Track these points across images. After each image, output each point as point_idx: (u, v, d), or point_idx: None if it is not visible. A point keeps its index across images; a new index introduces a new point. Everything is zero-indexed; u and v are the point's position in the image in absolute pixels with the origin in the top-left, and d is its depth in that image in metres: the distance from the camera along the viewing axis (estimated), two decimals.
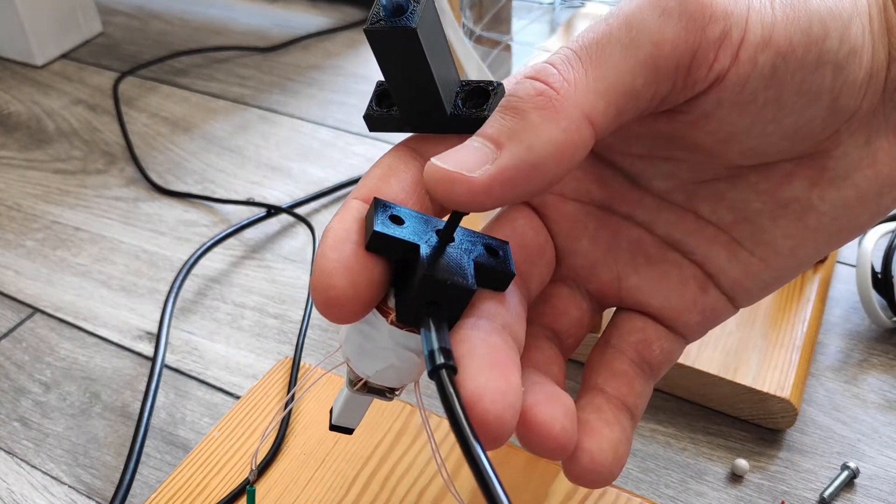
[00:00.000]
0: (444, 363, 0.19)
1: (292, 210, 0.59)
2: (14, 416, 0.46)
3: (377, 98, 0.24)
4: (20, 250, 0.57)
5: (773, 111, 0.22)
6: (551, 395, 0.21)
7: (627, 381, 0.25)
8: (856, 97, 0.22)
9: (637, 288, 0.26)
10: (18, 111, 0.73)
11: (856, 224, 0.25)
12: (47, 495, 0.41)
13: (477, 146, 0.20)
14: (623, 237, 0.26)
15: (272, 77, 0.77)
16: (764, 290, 0.26)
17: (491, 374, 0.19)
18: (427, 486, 0.37)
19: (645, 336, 0.26)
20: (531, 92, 0.20)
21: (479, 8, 0.51)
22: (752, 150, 0.23)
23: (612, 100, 0.21)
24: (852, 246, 0.54)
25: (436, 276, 0.20)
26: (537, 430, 0.20)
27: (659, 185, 0.26)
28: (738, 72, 0.21)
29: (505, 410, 0.19)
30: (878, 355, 0.47)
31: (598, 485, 0.22)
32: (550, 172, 0.20)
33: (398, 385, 0.24)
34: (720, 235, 0.25)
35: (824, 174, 0.24)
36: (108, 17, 0.88)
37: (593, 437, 0.22)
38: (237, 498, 0.37)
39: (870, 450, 0.42)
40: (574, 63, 0.21)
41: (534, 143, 0.20)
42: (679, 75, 0.21)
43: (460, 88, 0.24)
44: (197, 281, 0.54)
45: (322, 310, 0.20)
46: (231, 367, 0.48)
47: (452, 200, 0.20)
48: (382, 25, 0.21)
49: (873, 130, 0.23)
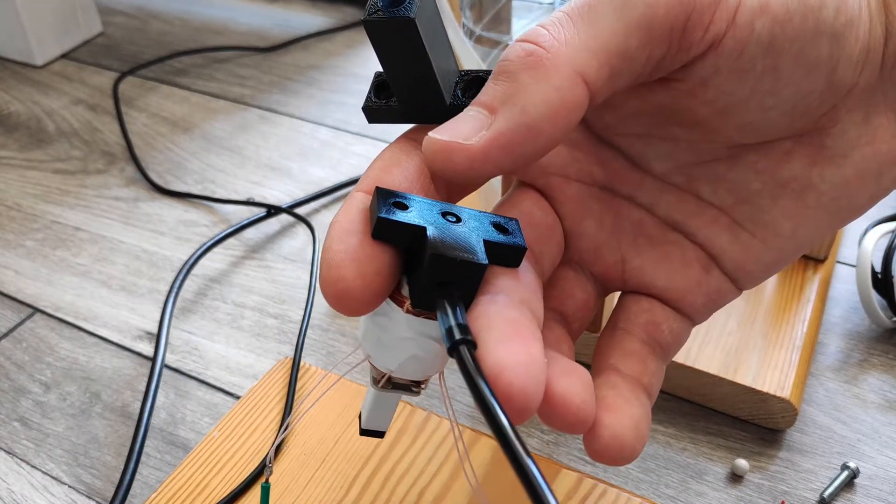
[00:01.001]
0: (463, 338, 0.19)
1: (292, 210, 0.59)
2: (14, 416, 0.46)
3: (376, 89, 0.24)
4: (20, 250, 0.57)
5: (770, 81, 0.22)
6: (568, 368, 0.21)
7: (640, 360, 0.24)
8: (853, 71, 0.22)
9: (640, 269, 0.26)
10: (18, 111, 0.73)
11: (855, 204, 0.24)
12: (47, 495, 0.41)
13: (472, 114, 0.20)
14: (625, 218, 0.26)
15: (272, 77, 0.77)
16: (765, 272, 0.26)
17: (511, 346, 0.19)
18: (427, 486, 0.37)
19: (653, 317, 0.26)
20: (521, 53, 0.20)
21: (479, 8, 0.51)
22: (751, 125, 0.23)
23: (605, 60, 0.20)
24: (852, 246, 0.54)
25: (445, 255, 0.20)
26: (556, 403, 0.20)
27: (659, 167, 0.26)
28: (735, 36, 0.21)
29: (529, 382, 0.18)
30: (878, 355, 0.47)
31: (622, 461, 0.22)
32: (547, 133, 0.20)
33: (422, 377, 0.24)
34: (721, 217, 0.25)
35: (823, 152, 0.24)
36: (108, 17, 0.88)
37: (613, 413, 0.22)
38: (237, 498, 0.37)
39: (870, 450, 0.42)
40: (566, 23, 0.21)
41: (527, 104, 0.20)
42: (674, 38, 0.21)
43: (459, 78, 0.24)
44: (197, 281, 0.54)
45: (333, 303, 0.20)
46: (231, 367, 0.48)
47: (452, 170, 0.20)
48: (380, 16, 0.21)
49: (872, 107, 0.23)
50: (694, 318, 0.26)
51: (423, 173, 0.22)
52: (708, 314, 0.26)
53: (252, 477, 0.37)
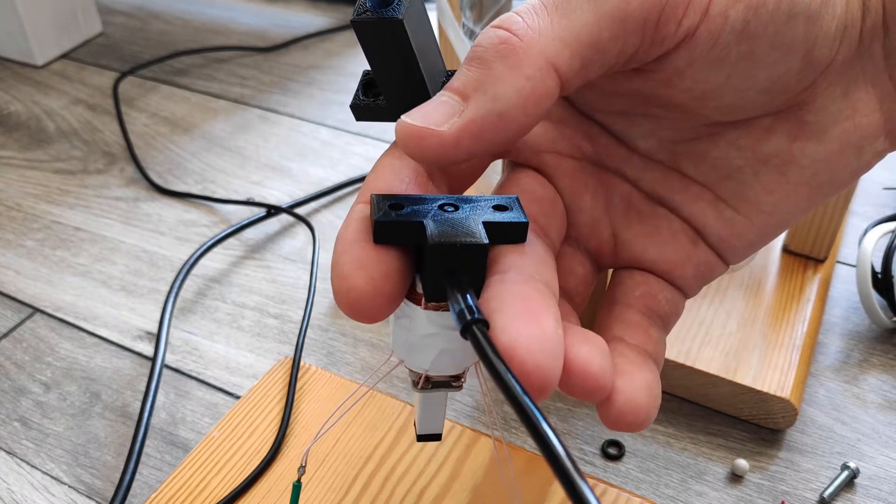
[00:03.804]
0: (473, 319, 0.19)
1: (292, 210, 0.59)
2: (14, 416, 0.46)
3: (363, 87, 0.24)
4: (20, 250, 0.57)
5: (746, 66, 0.22)
6: (584, 336, 0.21)
7: (643, 330, 0.25)
8: (830, 48, 0.22)
9: (631, 243, 0.26)
10: (18, 111, 0.73)
11: (837, 179, 0.25)
12: (47, 495, 0.41)
13: (444, 100, 0.21)
14: (616, 193, 0.26)
15: (272, 77, 0.77)
16: (750, 248, 0.26)
17: (522, 323, 0.19)
18: (427, 485, 0.37)
19: (649, 289, 0.26)
20: (494, 41, 0.20)
21: (479, 8, 0.51)
22: (729, 106, 0.23)
23: (577, 50, 0.20)
24: (852, 246, 0.54)
25: (444, 242, 0.20)
26: (575, 370, 0.20)
27: (642, 144, 0.26)
28: (709, 27, 0.21)
29: (544, 358, 0.18)
30: (878, 355, 0.47)
31: (637, 426, 0.22)
32: (517, 122, 0.20)
33: (457, 371, 0.24)
34: (704, 193, 0.25)
35: (804, 128, 0.24)
36: (108, 17, 0.88)
37: (625, 378, 0.22)
38: (237, 498, 0.37)
39: (870, 450, 0.42)
40: (540, 11, 0.21)
41: (498, 93, 0.20)
42: (647, 31, 0.21)
43: (446, 78, 0.24)
44: (197, 281, 0.54)
45: (349, 312, 0.20)
46: (231, 367, 0.48)
47: (424, 155, 0.20)
48: (369, 17, 0.21)
49: (851, 82, 0.23)
50: (686, 290, 0.26)
51: (419, 174, 0.22)
52: (699, 287, 0.27)
53: (252, 477, 0.37)
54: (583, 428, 0.44)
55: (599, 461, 0.42)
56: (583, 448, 0.43)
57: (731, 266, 0.27)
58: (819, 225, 0.48)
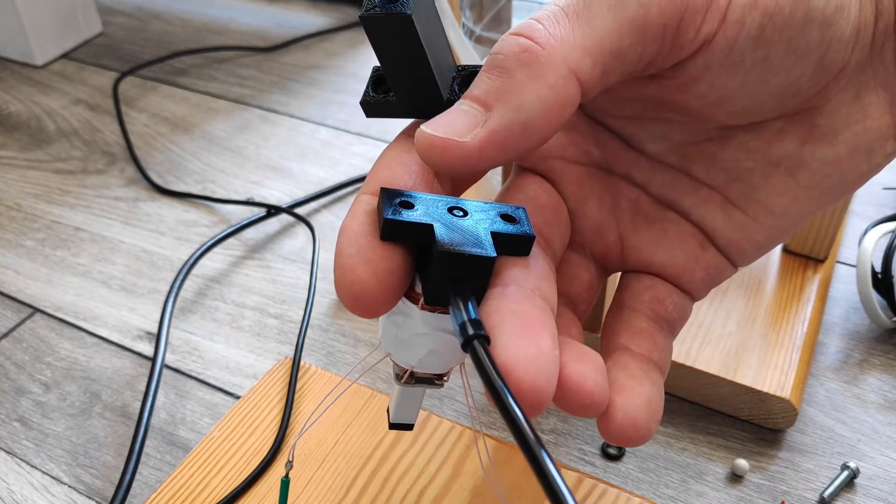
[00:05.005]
0: (476, 333, 0.19)
1: (292, 210, 0.59)
2: (14, 416, 0.46)
3: (373, 84, 0.24)
4: (20, 250, 0.57)
5: (761, 71, 0.22)
6: (580, 353, 0.21)
7: (649, 337, 0.25)
8: (844, 52, 0.22)
9: (639, 247, 0.26)
10: (18, 111, 0.73)
11: (847, 181, 0.25)
12: (47, 495, 0.41)
13: (466, 109, 0.21)
14: (623, 197, 0.26)
15: (272, 77, 0.77)
16: (758, 250, 0.26)
17: (521, 342, 0.19)
18: (427, 486, 0.37)
19: (656, 293, 0.26)
20: (516, 49, 0.20)
21: (479, 8, 0.51)
22: (742, 110, 0.23)
23: (599, 58, 0.20)
24: (852, 246, 0.54)
25: (453, 251, 0.20)
26: (570, 387, 0.20)
27: (652, 148, 0.26)
28: (727, 34, 0.21)
29: (539, 377, 0.19)
30: (878, 355, 0.47)
31: (637, 441, 0.22)
32: (541, 130, 0.20)
33: (443, 370, 0.24)
34: (714, 196, 0.25)
35: (815, 131, 0.24)
36: (108, 17, 0.88)
37: (624, 394, 0.22)
38: (237, 498, 0.37)
39: (870, 450, 0.42)
40: (560, 19, 0.21)
41: (522, 102, 0.20)
42: (666, 38, 0.21)
43: (456, 73, 0.24)
44: (197, 281, 0.54)
45: (350, 305, 0.20)
46: (231, 367, 0.48)
47: (446, 166, 0.20)
48: (377, 12, 0.21)
49: (862, 85, 0.24)
50: (694, 294, 0.26)
51: (425, 169, 0.22)
52: (707, 290, 0.27)
53: (252, 477, 0.37)
54: (583, 428, 0.44)
55: (599, 461, 0.42)
56: (583, 448, 0.43)
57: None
58: (819, 225, 0.48)
